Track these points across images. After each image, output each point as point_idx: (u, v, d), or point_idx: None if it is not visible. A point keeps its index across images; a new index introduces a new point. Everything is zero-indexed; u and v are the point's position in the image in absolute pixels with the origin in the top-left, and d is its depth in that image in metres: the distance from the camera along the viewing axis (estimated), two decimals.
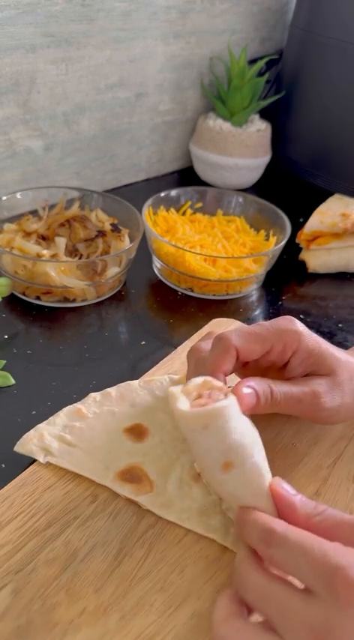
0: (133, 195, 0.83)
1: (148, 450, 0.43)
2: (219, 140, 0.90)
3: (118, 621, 0.33)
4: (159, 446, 0.43)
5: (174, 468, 0.42)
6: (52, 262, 0.59)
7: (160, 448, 0.43)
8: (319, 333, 0.63)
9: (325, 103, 0.90)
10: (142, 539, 0.38)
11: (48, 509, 0.39)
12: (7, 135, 0.73)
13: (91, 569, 0.36)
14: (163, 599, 0.35)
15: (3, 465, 0.43)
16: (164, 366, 0.53)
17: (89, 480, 0.41)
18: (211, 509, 0.39)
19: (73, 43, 0.74)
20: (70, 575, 0.35)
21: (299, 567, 0.28)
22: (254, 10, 0.96)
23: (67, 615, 0.33)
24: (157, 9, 0.81)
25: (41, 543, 0.37)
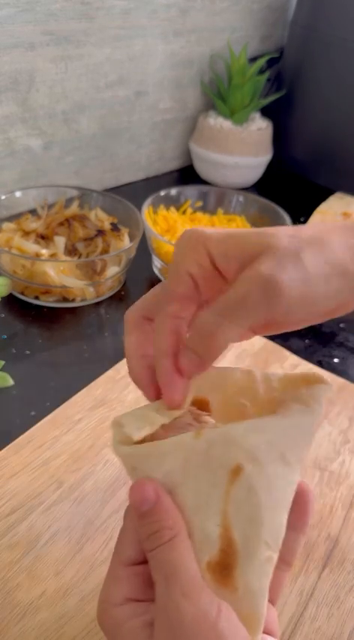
0: (133, 194, 0.82)
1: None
2: (219, 138, 0.90)
3: (78, 603, 0.34)
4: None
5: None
6: (51, 262, 0.58)
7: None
8: (321, 332, 0.63)
9: (326, 102, 0.90)
10: (105, 524, 0.39)
11: (13, 495, 0.40)
12: (6, 133, 0.73)
13: (53, 553, 0.37)
14: None
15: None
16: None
17: (55, 467, 0.42)
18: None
19: (73, 41, 0.73)
20: (31, 559, 0.36)
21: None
22: (254, 8, 0.95)
23: (27, 597, 0.34)
24: (157, 7, 0.81)
25: (4, 528, 0.38)
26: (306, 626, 0.35)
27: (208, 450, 0.26)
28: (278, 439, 0.26)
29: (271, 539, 0.25)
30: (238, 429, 0.26)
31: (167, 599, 0.24)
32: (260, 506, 0.25)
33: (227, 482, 0.25)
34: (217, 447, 0.26)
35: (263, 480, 0.25)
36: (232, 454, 0.25)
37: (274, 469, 0.26)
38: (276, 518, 0.26)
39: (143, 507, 0.25)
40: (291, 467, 0.26)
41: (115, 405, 0.48)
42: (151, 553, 0.25)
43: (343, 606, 0.36)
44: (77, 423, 0.46)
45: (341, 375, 0.55)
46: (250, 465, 0.25)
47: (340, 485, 0.44)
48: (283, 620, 0.35)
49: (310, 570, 0.38)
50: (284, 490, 0.26)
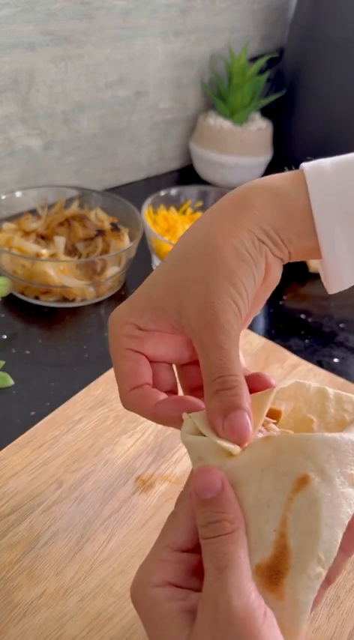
0: (133, 194, 0.82)
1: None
2: (219, 139, 0.90)
3: (78, 603, 0.34)
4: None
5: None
6: (51, 262, 0.58)
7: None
8: (321, 332, 0.63)
9: (326, 101, 0.90)
10: (105, 524, 0.39)
11: (13, 495, 0.40)
12: (6, 133, 0.73)
13: (53, 553, 0.37)
14: (124, 582, 0.36)
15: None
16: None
17: (55, 466, 0.42)
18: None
19: (73, 41, 0.73)
20: (31, 559, 0.36)
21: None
22: (254, 8, 0.95)
23: (27, 597, 0.34)
24: (157, 7, 0.81)
25: (4, 528, 0.38)
26: (306, 626, 0.35)
27: (276, 455, 0.26)
28: (349, 457, 0.26)
29: (324, 556, 0.25)
30: (310, 439, 0.26)
31: (218, 591, 0.24)
32: (320, 520, 0.25)
33: (292, 490, 0.25)
34: (286, 454, 0.26)
35: (328, 496, 0.25)
36: (300, 463, 0.26)
37: (341, 487, 0.26)
38: (333, 535, 0.26)
39: (207, 495, 0.25)
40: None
41: (115, 405, 0.48)
42: (207, 541, 0.25)
43: (343, 606, 0.36)
44: (77, 423, 0.46)
45: (341, 375, 0.55)
46: (317, 478, 0.25)
47: None
48: None
49: None
50: (345, 509, 0.26)
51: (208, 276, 0.28)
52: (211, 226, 0.30)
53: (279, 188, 0.30)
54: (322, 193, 0.29)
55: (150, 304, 0.30)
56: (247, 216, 0.29)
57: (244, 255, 0.28)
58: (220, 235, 0.29)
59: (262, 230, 0.29)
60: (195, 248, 0.29)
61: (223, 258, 0.28)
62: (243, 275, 0.28)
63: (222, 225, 0.29)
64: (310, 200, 0.29)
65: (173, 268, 0.30)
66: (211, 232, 0.29)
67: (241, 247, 0.28)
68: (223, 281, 0.28)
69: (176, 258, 0.30)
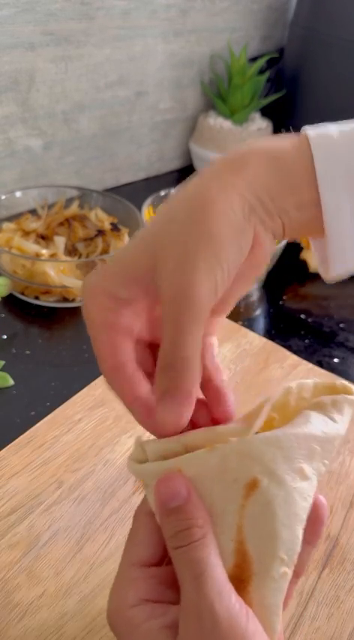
0: (133, 194, 0.82)
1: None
2: (219, 139, 0.90)
3: (78, 603, 0.35)
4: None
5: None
6: (51, 262, 0.58)
7: None
8: (321, 332, 0.63)
9: (326, 101, 0.90)
10: (105, 524, 0.39)
11: (13, 495, 0.40)
12: (6, 133, 0.72)
13: (53, 553, 0.37)
14: None
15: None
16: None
17: (55, 466, 0.42)
18: None
19: (73, 41, 0.73)
20: (31, 559, 0.36)
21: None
22: (254, 8, 0.95)
23: (27, 597, 0.34)
24: (157, 7, 0.81)
25: (4, 528, 0.38)
26: (306, 626, 0.35)
27: (222, 464, 0.25)
28: (295, 452, 0.25)
29: (286, 555, 0.25)
30: (254, 441, 0.25)
31: (198, 599, 0.23)
32: (276, 521, 0.25)
33: (242, 497, 0.25)
34: (231, 461, 0.25)
35: (280, 495, 0.25)
36: (247, 468, 0.25)
37: (292, 483, 0.25)
38: (292, 533, 0.25)
39: (173, 503, 0.24)
40: (309, 481, 0.26)
41: (115, 405, 0.48)
42: (178, 550, 0.24)
43: (343, 606, 0.36)
44: (77, 423, 0.46)
45: (341, 375, 0.55)
46: (266, 479, 0.25)
47: (340, 485, 0.44)
48: (283, 620, 0.35)
49: (310, 570, 0.38)
50: (301, 504, 0.26)
51: (187, 238, 0.25)
52: (199, 185, 0.27)
53: (279, 151, 0.27)
54: (329, 161, 0.26)
55: (123, 266, 0.27)
56: (240, 177, 0.26)
57: (231, 220, 0.25)
58: (208, 196, 0.26)
59: (254, 195, 0.26)
60: (180, 207, 0.26)
61: (208, 220, 0.25)
62: (228, 242, 0.25)
63: (211, 185, 0.26)
64: (314, 167, 0.26)
65: (154, 227, 0.27)
66: (198, 192, 0.26)
67: (229, 211, 0.25)
68: (203, 245, 0.25)
69: (159, 218, 0.27)
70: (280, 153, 0.27)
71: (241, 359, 0.55)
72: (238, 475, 0.25)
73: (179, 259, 0.24)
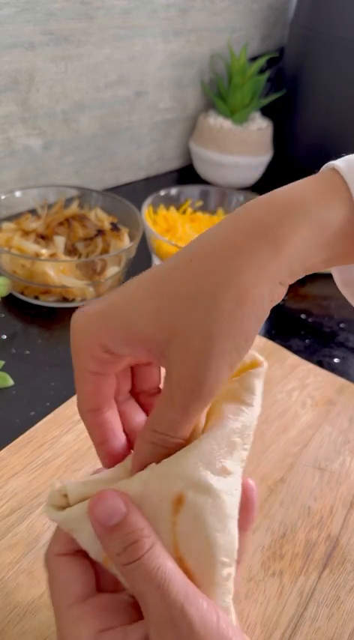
0: (133, 193, 0.82)
1: None
2: (219, 138, 0.90)
3: None
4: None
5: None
6: (51, 262, 0.58)
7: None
8: (321, 332, 0.63)
9: (326, 101, 0.90)
10: None
11: (13, 495, 0.40)
12: (5, 133, 0.72)
13: None
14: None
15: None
16: None
17: (55, 467, 0.42)
18: None
19: (73, 41, 0.73)
20: (31, 559, 0.36)
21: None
22: (254, 7, 0.95)
23: (27, 597, 0.34)
24: (157, 6, 0.80)
25: (4, 528, 0.38)
26: (306, 627, 0.35)
27: (145, 489, 0.25)
28: (215, 454, 0.25)
29: (226, 557, 0.25)
30: (171, 460, 0.25)
31: (168, 607, 0.22)
32: (209, 530, 0.25)
33: (171, 514, 0.25)
34: (152, 484, 0.25)
35: (208, 502, 0.25)
36: (170, 486, 0.25)
37: (218, 486, 0.25)
38: (227, 534, 0.25)
39: (113, 521, 0.24)
40: (234, 475, 0.26)
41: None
42: (130, 566, 0.23)
43: (343, 607, 0.36)
44: (77, 423, 0.46)
45: (341, 375, 0.55)
46: (191, 492, 0.24)
47: (341, 485, 0.44)
48: (283, 621, 0.35)
49: (310, 571, 0.38)
50: (230, 502, 0.26)
51: (214, 329, 0.23)
52: (234, 268, 0.24)
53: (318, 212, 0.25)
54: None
55: (130, 330, 0.25)
56: (281, 260, 0.24)
57: (261, 311, 0.24)
58: (243, 285, 0.24)
59: (289, 272, 0.25)
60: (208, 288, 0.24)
61: (239, 315, 0.24)
62: (252, 335, 0.24)
63: (248, 272, 0.24)
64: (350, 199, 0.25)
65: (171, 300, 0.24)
66: (232, 277, 0.24)
67: (261, 302, 0.24)
68: (229, 342, 0.24)
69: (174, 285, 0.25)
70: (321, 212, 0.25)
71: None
72: (162, 495, 0.25)
73: (204, 350, 0.23)
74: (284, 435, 0.48)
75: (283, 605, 0.36)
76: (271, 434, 0.47)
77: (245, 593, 0.36)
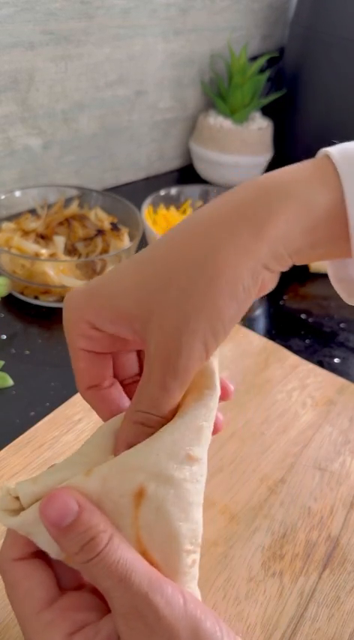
0: (133, 193, 0.82)
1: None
2: (219, 138, 0.89)
3: None
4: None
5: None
6: (51, 261, 0.58)
7: None
8: (321, 332, 0.63)
9: (326, 101, 0.90)
10: None
11: None
12: (5, 133, 0.72)
13: None
14: None
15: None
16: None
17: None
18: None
19: (73, 40, 0.73)
20: None
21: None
22: (255, 7, 0.95)
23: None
24: (157, 6, 0.80)
25: (4, 528, 0.37)
26: (306, 627, 0.35)
27: (104, 485, 0.24)
28: (179, 443, 0.25)
29: (190, 544, 0.25)
30: (131, 453, 0.25)
31: (133, 598, 0.22)
32: (172, 521, 0.24)
33: (133, 508, 0.24)
34: (112, 480, 0.24)
35: (170, 493, 0.24)
36: (130, 480, 0.24)
37: (180, 475, 0.25)
38: (191, 523, 0.25)
39: (66, 521, 0.23)
40: (200, 461, 0.26)
41: None
42: (91, 562, 0.23)
43: (343, 607, 0.36)
44: (77, 423, 0.46)
45: (342, 375, 0.55)
46: (153, 484, 0.24)
47: (341, 485, 0.44)
48: (283, 621, 0.35)
49: (310, 571, 0.38)
50: (195, 488, 0.25)
51: (188, 307, 0.24)
52: (211, 247, 0.24)
53: (305, 194, 0.24)
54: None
55: (113, 303, 0.26)
56: (260, 243, 0.24)
57: (238, 291, 0.24)
58: (219, 264, 0.24)
59: (273, 255, 0.25)
60: (183, 266, 0.24)
61: (213, 293, 0.24)
62: (228, 316, 0.24)
63: (225, 251, 0.24)
64: (344, 200, 0.25)
65: (149, 277, 0.25)
66: (209, 255, 0.24)
67: (238, 282, 0.24)
68: (202, 320, 0.24)
69: (155, 264, 0.25)
70: (307, 195, 0.25)
71: (241, 359, 0.55)
72: (122, 490, 0.24)
73: (177, 327, 0.24)
74: (284, 435, 0.48)
75: (283, 605, 0.36)
76: (271, 434, 0.47)
77: (245, 593, 0.36)
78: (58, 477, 0.26)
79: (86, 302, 0.26)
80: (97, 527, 0.23)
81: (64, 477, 0.25)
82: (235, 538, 0.39)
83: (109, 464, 0.25)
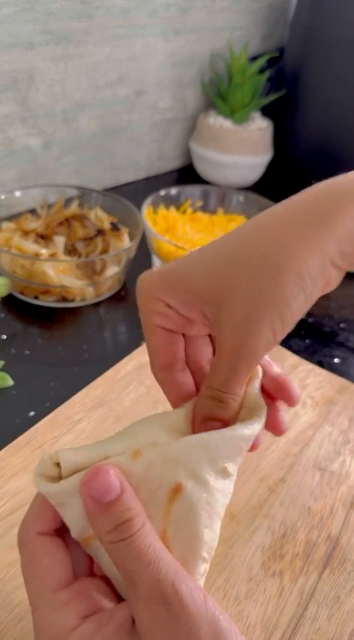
0: (133, 193, 0.82)
1: None
2: (219, 138, 0.89)
3: None
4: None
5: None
6: (51, 261, 0.58)
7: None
8: (321, 332, 0.63)
9: (326, 101, 0.90)
10: None
11: (13, 496, 0.40)
12: (5, 133, 0.72)
13: None
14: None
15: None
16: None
17: None
18: None
19: (73, 40, 0.73)
20: None
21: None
22: (255, 7, 0.95)
23: (26, 597, 0.34)
24: (157, 6, 0.80)
25: (4, 528, 0.38)
26: (306, 627, 0.35)
27: (146, 472, 0.25)
28: (220, 452, 0.26)
29: (207, 554, 0.25)
30: (179, 446, 0.25)
31: (158, 584, 0.23)
32: (200, 524, 0.25)
33: (167, 502, 0.25)
34: (156, 467, 0.25)
35: (203, 497, 0.25)
36: (172, 473, 0.25)
37: (215, 483, 0.25)
38: (213, 532, 0.26)
39: (108, 498, 0.24)
40: (231, 478, 0.26)
41: (114, 405, 0.48)
42: (122, 543, 0.23)
43: (343, 607, 0.36)
44: (77, 423, 0.46)
45: (342, 375, 0.55)
46: (190, 483, 0.25)
47: (341, 485, 0.44)
48: (283, 621, 0.35)
49: (310, 571, 0.38)
50: (221, 502, 0.26)
51: (257, 295, 0.25)
52: (278, 240, 0.26)
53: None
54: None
55: (186, 287, 0.27)
56: (327, 237, 0.25)
57: (305, 281, 0.25)
58: (286, 255, 0.25)
59: (339, 252, 0.26)
60: (252, 256, 0.26)
61: (281, 281, 0.25)
62: (296, 305, 0.25)
63: (292, 243, 0.25)
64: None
65: (221, 265, 0.27)
66: (276, 247, 0.25)
67: (305, 273, 0.25)
68: (271, 307, 0.25)
69: (227, 253, 0.27)
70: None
71: None
72: (162, 482, 0.25)
73: (247, 315, 0.25)
74: (284, 434, 0.47)
75: (284, 605, 0.36)
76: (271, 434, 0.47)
77: (245, 593, 0.36)
78: (102, 452, 0.26)
79: (161, 281, 0.28)
80: (134, 510, 0.24)
81: (108, 453, 0.25)
82: (235, 538, 0.39)
83: (157, 451, 0.25)
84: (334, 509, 0.42)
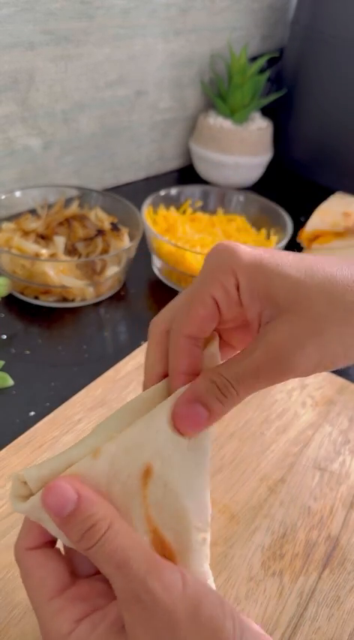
0: (133, 193, 0.82)
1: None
2: (219, 138, 0.90)
3: None
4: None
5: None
6: (51, 262, 0.58)
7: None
8: None
9: (326, 101, 0.90)
10: None
11: None
12: (5, 133, 0.72)
13: None
14: None
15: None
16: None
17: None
18: None
19: (73, 40, 0.73)
20: None
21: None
22: (255, 7, 0.95)
23: (26, 597, 0.34)
24: (157, 6, 0.80)
25: (4, 528, 0.38)
26: (306, 627, 0.35)
27: (112, 467, 0.25)
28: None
29: (200, 523, 0.25)
30: (134, 430, 0.25)
31: (131, 585, 0.23)
32: (180, 497, 0.25)
33: (141, 488, 0.25)
34: (120, 461, 0.25)
35: (176, 469, 0.25)
36: (136, 459, 0.25)
37: (184, 455, 0.25)
38: (200, 500, 0.25)
39: (66, 511, 0.24)
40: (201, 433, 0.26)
41: (114, 405, 0.48)
42: (92, 550, 0.24)
43: (343, 607, 0.36)
44: (77, 423, 0.46)
45: (341, 375, 0.55)
46: (158, 461, 0.25)
47: (341, 485, 0.44)
48: (283, 621, 0.35)
49: (310, 571, 0.38)
50: (200, 470, 0.26)
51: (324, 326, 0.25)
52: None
53: None
54: None
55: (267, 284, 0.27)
56: None
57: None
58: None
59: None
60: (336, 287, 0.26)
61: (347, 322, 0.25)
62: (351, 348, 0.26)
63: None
64: None
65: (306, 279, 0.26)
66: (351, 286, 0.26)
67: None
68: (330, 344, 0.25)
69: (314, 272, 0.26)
70: None
71: None
72: (129, 470, 0.25)
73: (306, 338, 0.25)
74: (284, 435, 0.48)
75: (283, 605, 0.36)
76: (271, 434, 0.47)
77: (245, 593, 0.36)
78: (64, 460, 0.26)
79: (246, 260, 0.27)
80: (95, 516, 0.24)
81: (72, 460, 0.26)
82: (234, 538, 0.39)
83: (115, 441, 0.25)
84: (334, 509, 0.42)
